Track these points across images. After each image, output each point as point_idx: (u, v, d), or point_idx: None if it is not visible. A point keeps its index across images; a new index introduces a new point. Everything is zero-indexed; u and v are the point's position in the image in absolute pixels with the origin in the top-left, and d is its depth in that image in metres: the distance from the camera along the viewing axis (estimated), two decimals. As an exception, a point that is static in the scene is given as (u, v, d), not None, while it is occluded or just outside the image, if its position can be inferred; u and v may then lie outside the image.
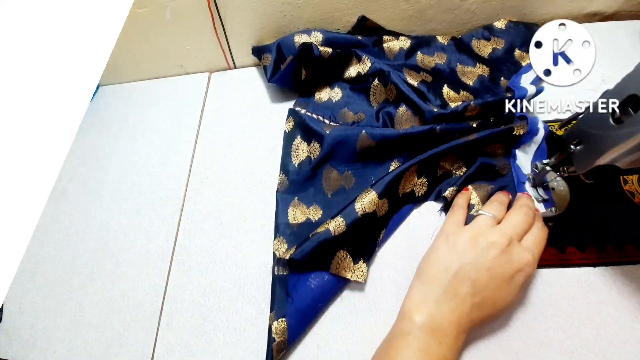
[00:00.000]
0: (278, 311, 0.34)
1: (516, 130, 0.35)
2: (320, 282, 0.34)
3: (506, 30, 0.48)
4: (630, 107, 0.25)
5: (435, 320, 0.28)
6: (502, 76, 0.44)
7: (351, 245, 0.35)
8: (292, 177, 0.42)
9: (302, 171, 0.42)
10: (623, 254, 0.33)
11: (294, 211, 0.40)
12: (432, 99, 0.42)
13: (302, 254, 0.34)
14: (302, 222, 0.39)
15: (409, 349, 0.27)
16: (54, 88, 0.25)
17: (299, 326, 0.33)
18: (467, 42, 0.48)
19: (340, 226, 0.34)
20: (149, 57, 0.56)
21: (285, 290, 0.35)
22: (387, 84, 0.44)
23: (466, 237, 0.30)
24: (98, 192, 0.48)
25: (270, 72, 0.49)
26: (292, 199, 0.41)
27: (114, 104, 0.58)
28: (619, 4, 0.49)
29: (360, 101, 0.46)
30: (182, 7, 0.49)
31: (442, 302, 0.28)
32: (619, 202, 0.35)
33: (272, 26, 0.51)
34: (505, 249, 0.29)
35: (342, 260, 0.35)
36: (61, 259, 0.43)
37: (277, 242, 0.38)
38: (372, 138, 0.40)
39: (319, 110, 0.47)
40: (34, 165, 0.23)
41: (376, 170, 0.40)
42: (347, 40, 0.49)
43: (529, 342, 0.31)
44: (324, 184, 0.41)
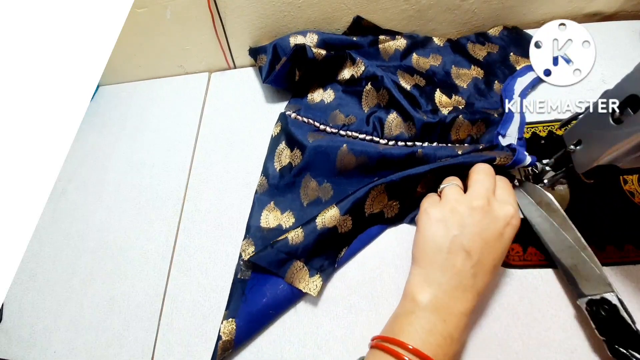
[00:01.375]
0: (231, 311, 0.35)
1: (498, 160, 0.33)
2: (274, 289, 0.35)
3: (500, 37, 0.48)
4: (630, 107, 0.25)
5: (438, 299, 0.27)
6: (497, 80, 0.44)
7: (308, 258, 0.35)
8: (272, 181, 0.43)
9: (282, 176, 0.42)
10: (623, 254, 0.33)
11: (268, 215, 0.40)
12: (423, 104, 0.42)
13: (260, 259, 0.35)
14: (274, 227, 0.39)
15: (411, 327, 0.26)
16: (54, 88, 0.25)
17: (249, 329, 0.34)
18: (463, 44, 0.48)
19: (298, 236, 0.35)
20: (149, 57, 0.56)
21: (242, 291, 0.36)
22: (379, 89, 0.43)
23: (446, 210, 0.30)
24: (98, 192, 0.48)
25: (265, 73, 0.49)
26: (268, 202, 0.41)
27: (114, 104, 0.58)
28: (619, 4, 0.49)
29: (352, 104, 0.46)
30: (182, 7, 0.49)
31: (444, 280, 0.28)
32: (619, 202, 0.35)
33: (272, 26, 0.51)
34: (487, 208, 0.29)
35: (297, 271, 0.35)
36: (61, 259, 0.43)
37: (245, 243, 0.39)
38: (352, 153, 0.39)
39: (311, 111, 0.47)
40: (34, 165, 0.23)
41: (355, 185, 0.39)
42: (342, 42, 0.49)
43: (529, 342, 0.31)
44: (302, 192, 0.41)
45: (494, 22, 0.51)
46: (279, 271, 0.35)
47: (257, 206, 0.41)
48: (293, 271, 0.35)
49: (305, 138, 0.42)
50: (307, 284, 0.35)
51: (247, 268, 0.37)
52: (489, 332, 0.31)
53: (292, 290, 0.35)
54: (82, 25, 0.28)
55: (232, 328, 0.34)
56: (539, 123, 0.41)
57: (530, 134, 0.41)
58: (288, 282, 0.35)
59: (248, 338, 0.34)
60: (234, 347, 0.33)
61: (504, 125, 0.39)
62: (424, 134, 0.40)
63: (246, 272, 0.37)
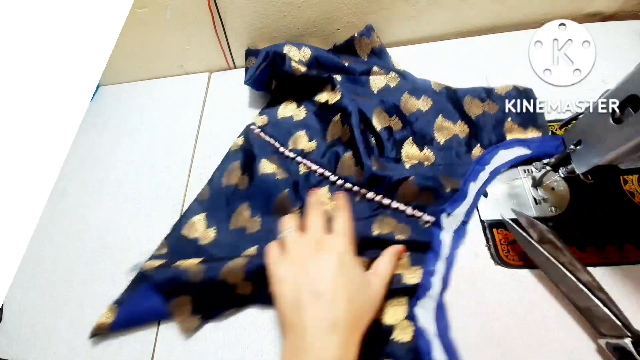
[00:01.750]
0: (120, 297, 0.37)
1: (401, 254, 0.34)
2: (156, 303, 0.35)
3: (505, 96, 0.43)
4: (630, 107, 0.25)
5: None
6: (480, 144, 0.40)
7: (197, 298, 0.35)
8: (214, 194, 0.42)
9: (224, 194, 0.42)
10: (623, 254, 0.33)
11: (193, 225, 0.40)
12: (388, 149, 0.40)
13: (156, 275, 0.36)
14: (192, 238, 0.39)
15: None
16: (54, 88, 0.25)
17: (126, 320, 0.36)
18: (459, 96, 0.44)
19: (196, 275, 0.34)
20: (149, 57, 0.56)
21: (138, 283, 0.37)
22: (344, 124, 0.42)
23: (284, 264, 0.30)
24: (98, 192, 0.48)
25: (249, 74, 0.48)
26: (201, 212, 0.41)
27: (114, 104, 0.58)
28: (619, 4, 0.49)
29: (319, 129, 0.44)
30: (182, 7, 0.49)
31: (309, 340, 0.25)
32: (619, 202, 0.35)
33: (272, 26, 0.51)
34: (317, 247, 0.29)
35: (181, 305, 0.35)
36: (61, 259, 0.43)
37: (162, 243, 0.39)
38: (290, 199, 0.39)
39: (276, 128, 0.46)
40: (34, 165, 0.23)
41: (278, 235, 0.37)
42: (334, 64, 0.47)
43: (529, 342, 0.31)
44: (233, 217, 0.40)
45: (494, 23, 0.51)
46: (166, 296, 0.35)
47: (190, 212, 0.41)
48: (178, 303, 0.35)
49: (258, 166, 0.42)
50: (185, 321, 0.35)
51: (151, 268, 0.37)
52: (489, 332, 0.31)
53: (168, 314, 0.35)
54: (82, 25, 0.28)
55: (113, 313, 0.36)
56: (539, 123, 0.41)
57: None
58: (169, 309, 0.35)
59: (124, 328, 0.36)
60: (108, 330, 0.35)
61: (452, 204, 0.36)
62: (371, 183, 0.38)
63: (149, 269, 0.37)
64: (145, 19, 0.50)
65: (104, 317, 0.35)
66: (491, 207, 0.37)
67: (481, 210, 0.37)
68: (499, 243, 0.35)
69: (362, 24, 0.51)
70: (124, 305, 0.36)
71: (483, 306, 0.33)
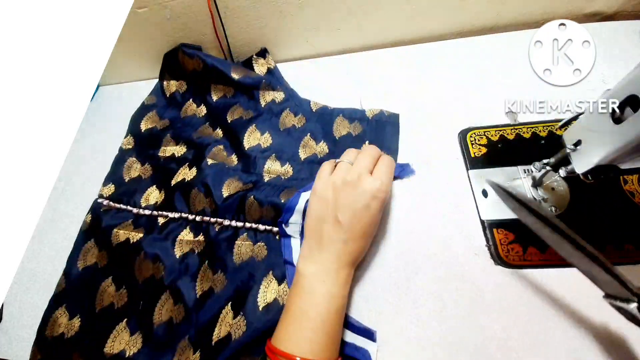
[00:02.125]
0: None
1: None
2: None
3: (372, 119, 0.45)
4: (630, 107, 0.25)
5: (317, 266, 0.32)
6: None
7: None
8: (72, 281, 0.41)
9: (83, 276, 0.41)
10: (623, 254, 0.33)
11: (55, 322, 0.39)
12: (253, 167, 0.43)
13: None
14: (57, 336, 0.38)
15: (296, 296, 0.31)
16: (54, 88, 0.25)
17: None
18: (331, 117, 0.46)
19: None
20: (149, 57, 0.56)
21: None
22: (191, 166, 0.45)
23: (328, 185, 0.34)
24: (98, 192, 0.48)
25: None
26: (60, 305, 0.40)
27: (114, 104, 0.58)
28: (619, 4, 0.49)
29: (165, 179, 0.45)
30: (182, 7, 0.49)
31: (321, 249, 0.32)
32: (619, 202, 0.35)
33: (272, 26, 0.51)
34: (356, 183, 0.32)
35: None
36: (61, 259, 0.43)
37: (32, 351, 0.38)
38: (149, 260, 0.39)
39: (126, 190, 0.46)
40: (34, 165, 0.23)
41: (148, 294, 0.38)
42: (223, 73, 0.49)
43: (529, 342, 0.31)
44: (97, 296, 0.39)
45: (494, 23, 0.51)
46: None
47: (48, 311, 0.40)
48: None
49: (110, 236, 0.42)
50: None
51: (34, 355, 0.38)
52: (489, 332, 0.31)
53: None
54: (82, 25, 0.28)
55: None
56: (539, 123, 0.41)
57: (530, 134, 0.41)
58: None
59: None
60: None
61: (284, 214, 0.38)
62: (224, 211, 0.40)
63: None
64: (145, 19, 0.50)
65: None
66: (491, 207, 0.38)
67: (481, 210, 0.37)
68: (499, 243, 0.35)
69: (362, 24, 0.51)
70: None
71: (483, 306, 0.33)
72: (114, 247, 0.41)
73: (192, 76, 0.53)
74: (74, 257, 0.43)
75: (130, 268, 0.40)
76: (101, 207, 0.45)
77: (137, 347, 0.36)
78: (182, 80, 0.54)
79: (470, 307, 0.33)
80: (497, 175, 0.40)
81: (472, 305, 0.33)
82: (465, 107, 0.45)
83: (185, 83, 0.54)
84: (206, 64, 0.50)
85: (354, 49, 0.55)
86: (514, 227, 0.36)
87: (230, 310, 0.35)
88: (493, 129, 0.42)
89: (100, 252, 0.42)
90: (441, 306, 0.33)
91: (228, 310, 0.35)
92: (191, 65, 0.52)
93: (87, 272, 0.41)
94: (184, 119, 0.51)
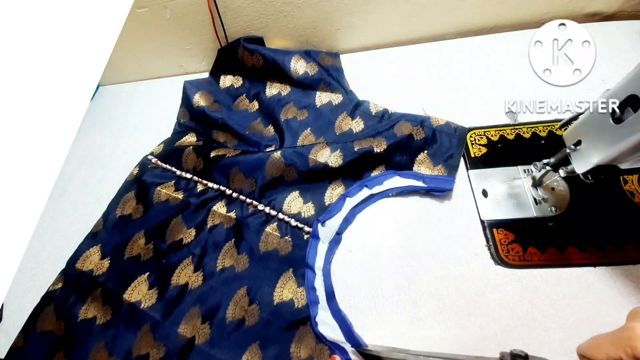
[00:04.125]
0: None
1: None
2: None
3: (436, 130, 0.43)
4: (631, 107, 0.25)
5: None
6: (383, 165, 0.42)
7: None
8: (108, 225, 0.43)
9: (119, 224, 0.43)
10: (623, 254, 0.33)
11: (87, 257, 0.41)
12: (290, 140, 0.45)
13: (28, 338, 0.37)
14: (86, 270, 0.40)
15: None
16: (54, 88, 0.25)
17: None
18: (391, 121, 0.44)
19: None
20: (149, 57, 0.56)
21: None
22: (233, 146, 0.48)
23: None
24: (98, 192, 0.48)
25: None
26: (95, 244, 0.42)
27: (114, 104, 0.58)
28: (619, 4, 0.49)
29: (207, 151, 0.46)
30: (182, 7, 0.49)
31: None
32: (619, 202, 0.35)
33: (272, 26, 0.51)
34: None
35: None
36: (61, 259, 0.43)
37: (57, 277, 0.40)
38: (184, 222, 0.41)
39: (170, 153, 0.47)
40: (34, 165, 0.23)
41: (171, 255, 0.40)
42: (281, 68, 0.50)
43: (529, 342, 0.31)
44: (128, 245, 0.41)
45: (494, 23, 0.51)
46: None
47: (84, 245, 0.42)
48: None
49: (153, 195, 0.43)
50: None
51: (57, 281, 0.40)
52: (489, 332, 0.31)
53: None
54: (82, 25, 0.28)
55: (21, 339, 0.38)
56: (539, 123, 0.41)
57: (530, 134, 0.41)
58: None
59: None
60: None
61: (325, 215, 0.39)
62: (261, 194, 0.41)
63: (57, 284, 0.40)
64: (145, 19, 0.50)
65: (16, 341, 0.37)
66: (491, 207, 0.38)
67: (481, 210, 0.37)
68: (499, 243, 0.35)
69: (362, 23, 0.51)
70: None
71: (483, 306, 0.33)
72: (154, 204, 0.43)
73: (251, 72, 0.52)
74: (114, 203, 0.45)
75: (164, 227, 0.41)
76: (149, 164, 0.47)
77: (151, 301, 0.37)
78: (238, 76, 0.54)
79: (470, 307, 0.33)
80: (497, 175, 0.40)
81: (472, 305, 0.33)
82: (465, 107, 0.45)
83: (242, 78, 0.54)
84: (266, 59, 0.50)
85: (354, 49, 0.55)
86: (514, 227, 0.36)
87: (246, 295, 0.36)
88: (493, 129, 0.42)
89: (137, 205, 0.44)
90: (441, 306, 0.33)
91: (244, 294, 0.36)
92: (250, 61, 0.51)
93: (123, 220, 0.43)
94: (235, 111, 0.51)
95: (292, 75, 0.49)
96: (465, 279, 0.34)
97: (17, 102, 0.23)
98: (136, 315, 0.36)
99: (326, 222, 0.38)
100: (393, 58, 0.51)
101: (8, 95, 0.23)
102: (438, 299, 0.34)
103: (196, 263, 0.38)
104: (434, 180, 0.40)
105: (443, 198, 0.39)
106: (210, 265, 0.38)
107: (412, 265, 0.36)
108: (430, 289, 0.34)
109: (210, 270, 0.38)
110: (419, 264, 0.36)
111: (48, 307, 0.38)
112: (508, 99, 0.37)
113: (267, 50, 0.50)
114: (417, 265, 0.36)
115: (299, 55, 0.50)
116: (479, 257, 0.35)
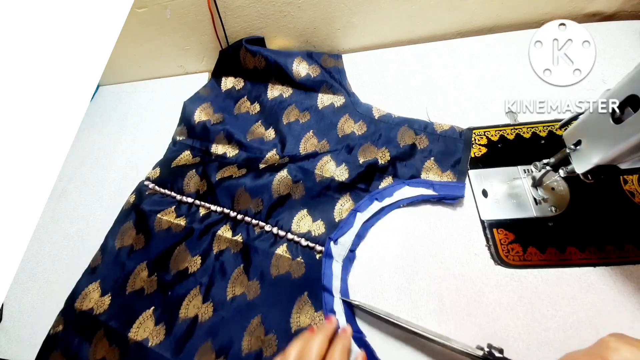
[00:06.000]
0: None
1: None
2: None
3: (440, 136, 0.42)
4: (631, 107, 0.25)
5: None
6: (392, 176, 0.41)
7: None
8: (107, 258, 0.41)
9: (118, 256, 0.41)
10: (623, 254, 0.33)
11: (87, 295, 0.39)
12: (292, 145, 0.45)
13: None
14: (86, 310, 0.38)
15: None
16: (54, 88, 0.25)
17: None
18: (394, 125, 0.44)
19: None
20: (149, 57, 0.56)
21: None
22: (239, 167, 0.45)
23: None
24: (98, 192, 0.48)
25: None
26: (94, 280, 0.40)
27: (114, 104, 0.58)
28: (619, 4, 0.49)
29: (209, 171, 0.45)
30: (182, 7, 0.49)
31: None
32: (619, 202, 0.35)
33: (272, 26, 0.51)
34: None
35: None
36: (61, 259, 0.43)
37: (56, 320, 0.38)
38: (188, 250, 0.39)
39: (170, 175, 0.46)
40: (34, 165, 0.23)
41: (177, 286, 0.38)
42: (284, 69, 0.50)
43: (529, 342, 0.31)
44: (130, 278, 0.39)
45: (494, 23, 0.51)
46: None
47: (83, 280, 0.40)
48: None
49: (154, 223, 0.41)
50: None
51: (57, 323, 0.38)
52: (489, 332, 0.31)
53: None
54: (82, 25, 0.28)
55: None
56: (539, 123, 0.41)
57: (530, 134, 0.41)
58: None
59: None
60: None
61: (337, 232, 0.37)
62: (269, 214, 0.40)
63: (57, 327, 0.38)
64: (145, 19, 0.50)
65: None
66: (491, 207, 0.38)
67: (481, 210, 0.37)
68: (499, 243, 0.35)
69: (362, 23, 0.51)
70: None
71: (483, 306, 0.33)
72: (156, 233, 0.41)
73: (252, 74, 0.52)
74: (112, 234, 0.42)
75: (167, 256, 0.39)
76: (146, 190, 0.45)
77: (159, 338, 0.35)
78: (239, 77, 0.53)
79: (470, 307, 0.33)
80: (497, 175, 0.40)
81: (472, 305, 0.33)
82: (465, 107, 0.45)
83: (243, 80, 0.53)
84: (268, 61, 0.49)
85: (354, 49, 0.55)
86: (514, 227, 0.36)
87: (261, 324, 0.34)
88: (493, 129, 0.42)
89: (138, 235, 0.42)
90: (441, 306, 0.33)
91: (258, 323, 0.34)
92: (252, 63, 0.51)
93: (123, 252, 0.41)
94: (237, 115, 0.50)
95: (294, 77, 0.49)
96: (465, 279, 0.34)
97: (17, 102, 0.23)
98: (144, 355, 0.34)
99: (338, 239, 0.37)
100: (393, 58, 0.51)
101: (8, 95, 0.23)
102: (438, 299, 0.34)
103: (204, 293, 0.36)
104: (444, 186, 0.39)
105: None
106: (219, 295, 0.36)
107: (412, 265, 0.36)
108: (430, 289, 0.34)
109: (220, 299, 0.36)
110: (419, 264, 0.36)
111: (54, 353, 0.36)
112: (508, 99, 0.37)
113: (269, 52, 0.50)
114: (417, 265, 0.36)
115: (301, 57, 0.49)
116: (479, 257, 0.35)
